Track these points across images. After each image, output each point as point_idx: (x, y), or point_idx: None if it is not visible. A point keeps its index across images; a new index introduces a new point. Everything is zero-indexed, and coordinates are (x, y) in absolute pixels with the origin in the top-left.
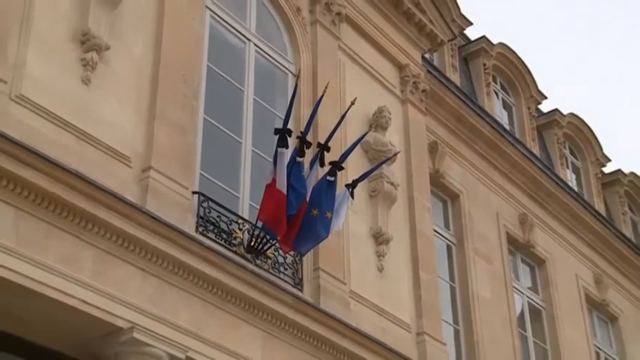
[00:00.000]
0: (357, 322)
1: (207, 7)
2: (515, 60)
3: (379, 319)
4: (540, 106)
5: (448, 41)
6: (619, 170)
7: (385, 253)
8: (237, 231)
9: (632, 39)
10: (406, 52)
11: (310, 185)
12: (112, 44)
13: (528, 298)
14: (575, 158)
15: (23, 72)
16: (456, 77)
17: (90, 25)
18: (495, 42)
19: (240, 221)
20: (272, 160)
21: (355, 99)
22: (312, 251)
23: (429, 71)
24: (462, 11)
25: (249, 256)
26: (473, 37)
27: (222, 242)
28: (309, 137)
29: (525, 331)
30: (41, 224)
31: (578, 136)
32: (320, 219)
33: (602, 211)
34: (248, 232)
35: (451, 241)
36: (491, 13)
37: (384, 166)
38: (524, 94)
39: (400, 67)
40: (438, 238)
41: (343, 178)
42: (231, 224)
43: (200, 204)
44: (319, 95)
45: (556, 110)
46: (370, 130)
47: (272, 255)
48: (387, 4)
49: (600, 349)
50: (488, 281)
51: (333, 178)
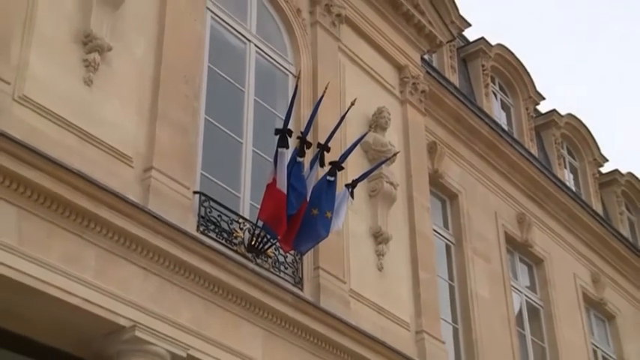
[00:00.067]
0: (357, 320)
1: (208, 8)
2: (514, 61)
3: (379, 317)
4: (538, 107)
5: (447, 42)
6: (616, 170)
7: (385, 252)
8: (238, 230)
9: (632, 39)
10: (405, 54)
11: (310, 185)
12: (114, 45)
13: (526, 297)
14: (573, 158)
15: (26, 73)
16: (454, 78)
17: (92, 26)
18: (494, 43)
19: (240, 221)
20: (272, 160)
21: (355, 100)
22: (312, 250)
23: (428, 72)
24: (461, 12)
25: (250, 255)
26: (471, 39)
27: (223, 241)
28: (310, 137)
29: (523, 329)
30: (44, 224)
31: (575, 136)
32: (320, 219)
33: (600, 210)
34: (249, 232)
35: (450, 241)
36: (492, 13)
37: (383, 166)
38: (522, 94)
39: (399, 68)
40: (437, 238)
41: (343, 178)
42: (232, 224)
43: (201, 204)
44: (319, 96)
45: (554, 111)
46: (370, 130)
47: (272, 254)
48: (386, 5)
49: (597, 348)
50: (487, 280)
51: (333, 178)
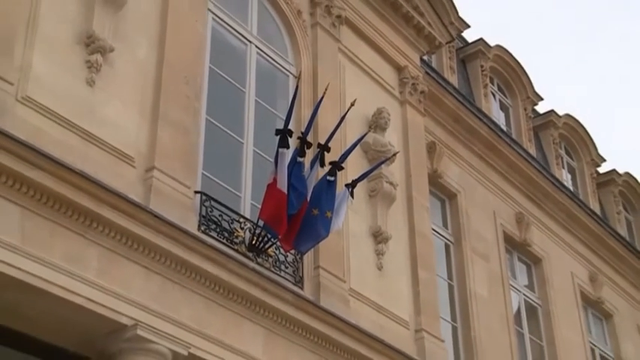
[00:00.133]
0: (357, 319)
1: (209, 9)
2: (512, 62)
3: (378, 316)
4: (536, 108)
5: (446, 43)
6: (614, 170)
7: (384, 251)
8: (239, 230)
9: (632, 39)
10: (405, 54)
11: (311, 185)
12: (116, 46)
13: (525, 295)
14: (571, 158)
15: (29, 74)
16: (453, 79)
17: (94, 27)
18: (493, 44)
19: (241, 220)
20: (273, 160)
21: (355, 100)
22: (312, 250)
23: (427, 73)
24: (460, 14)
25: (251, 254)
26: (470, 40)
27: (224, 241)
28: (310, 138)
29: (522, 328)
30: (47, 223)
31: (573, 136)
32: (320, 218)
33: (597, 210)
34: (249, 231)
35: (449, 240)
36: (491, 13)
37: (383, 166)
38: (520, 95)
39: (399, 69)
40: (436, 237)
41: (343, 178)
42: (232, 223)
43: (202, 203)
44: (319, 96)
45: (552, 111)
46: (369, 130)
47: (273, 253)
48: (386, 7)
49: (595, 346)
50: (486, 279)
51: (333, 178)
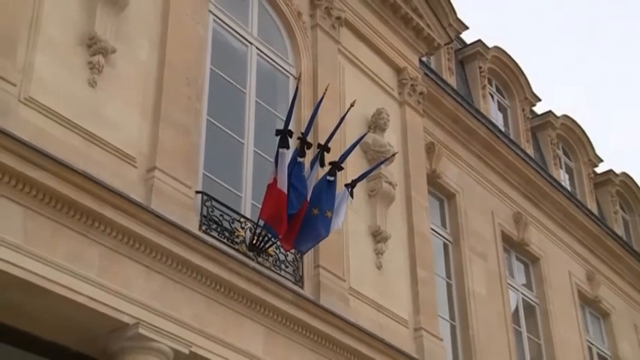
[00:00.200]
0: (356, 318)
1: (210, 11)
2: (510, 63)
3: (377, 315)
4: (534, 108)
5: (445, 45)
6: (611, 170)
7: (383, 250)
8: (240, 229)
9: (631, 39)
10: (404, 56)
11: (311, 185)
12: (118, 47)
13: (523, 294)
14: (569, 159)
15: (32, 75)
16: (452, 80)
17: (96, 29)
18: (491, 45)
19: (242, 220)
20: (273, 160)
21: (354, 101)
22: (312, 249)
23: (426, 74)
24: (459, 15)
25: (251, 253)
26: (469, 41)
27: (225, 240)
28: (310, 138)
29: (520, 326)
30: (49, 223)
31: (571, 137)
32: (320, 218)
33: (595, 210)
34: (250, 231)
35: (448, 239)
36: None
37: (382, 166)
38: (518, 96)
39: (398, 70)
40: (434, 237)
41: (343, 178)
42: (233, 223)
43: (203, 203)
44: (319, 97)
45: (549, 112)
46: (369, 131)
47: (273, 253)
48: (385, 8)
49: (592, 344)
50: (484, 278)
51: (332, 178)
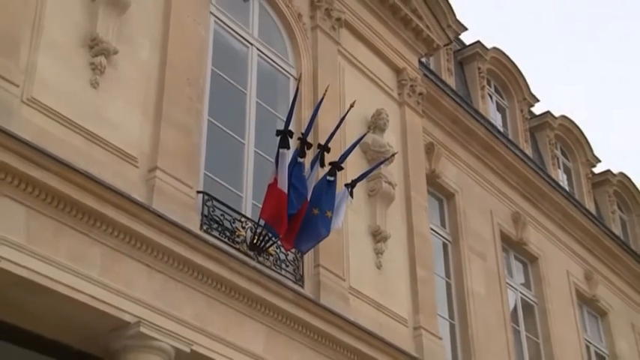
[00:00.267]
0: (356, 317)
1: (211, 13)
2: (509, 64)
3: (377, 314)
4: (533, 109)
5: (444, 46)
6: (608, 171)
7: (383, 250)
8: (241, 229)
9: (631, 39)
10: (403, 57)
11: (311, 185)
12: (120, 49)
13: (521, 293)
14: (567, 159)
15: (34, 75)
16: (451, 81)
17: (98, 30)
18: (490, 46)
19: (243, 220)
20: (274, 160)
21: (354, 102)
22: (312, 249)
23: (425, 75)
24: (458, 17)
25: (252, 253)
26: (468, 42)
27: (226, 240)
28: (310, 138)
29: (518, 325)
30: (51, 222)
31: (569, 137)
32: (320, 218)
33: (593, 210)
34: (251, 231)
35: (447, 239)
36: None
37: (382, 166)
38: (517, 96)
39: (398, 71)
40: (434, 236)
41: (343, 178)
42: (234, 223)
43: (204, 203)
44: (319, 98)
45: (548, 112)
46: (369, 131)
47: (274, 252)
48: (385, 10)
49: (590, 343)
50: (483, 278)
51: (332, 178)
